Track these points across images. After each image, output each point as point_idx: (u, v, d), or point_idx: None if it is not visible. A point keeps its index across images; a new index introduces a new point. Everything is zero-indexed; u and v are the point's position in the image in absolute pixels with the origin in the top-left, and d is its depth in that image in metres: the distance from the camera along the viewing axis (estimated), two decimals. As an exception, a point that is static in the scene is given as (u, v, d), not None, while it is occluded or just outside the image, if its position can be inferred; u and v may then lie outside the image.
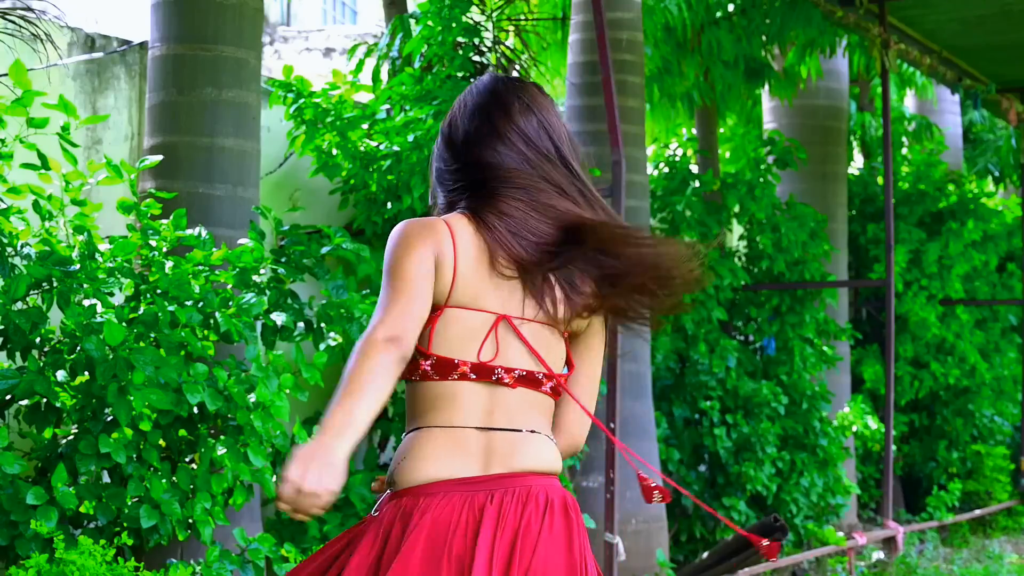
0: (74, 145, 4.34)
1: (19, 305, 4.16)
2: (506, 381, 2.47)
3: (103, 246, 4.32)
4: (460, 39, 6.62)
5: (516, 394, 2.48)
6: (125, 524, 4.11)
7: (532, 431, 2.49)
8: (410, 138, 5.97)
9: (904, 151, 11.97)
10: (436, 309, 2.46)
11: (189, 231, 4.48)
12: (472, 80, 6.65)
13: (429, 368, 2.46)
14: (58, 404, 4.13)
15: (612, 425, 5.65)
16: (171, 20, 5.04)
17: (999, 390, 11.45)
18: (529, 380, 2.49)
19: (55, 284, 4.13)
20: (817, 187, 9.44)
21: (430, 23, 6.56)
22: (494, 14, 7.04)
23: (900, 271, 10.16)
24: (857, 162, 12.78)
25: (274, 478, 4.45)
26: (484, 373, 2.46)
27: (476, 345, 2.46)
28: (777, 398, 8.07)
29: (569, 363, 2.56)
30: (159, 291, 4.31)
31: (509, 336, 2.47)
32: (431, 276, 2.43)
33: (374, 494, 2.66)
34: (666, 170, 8.76)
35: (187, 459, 4.38)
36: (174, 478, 4.20)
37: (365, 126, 6.21)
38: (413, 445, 2.47)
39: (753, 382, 8.15)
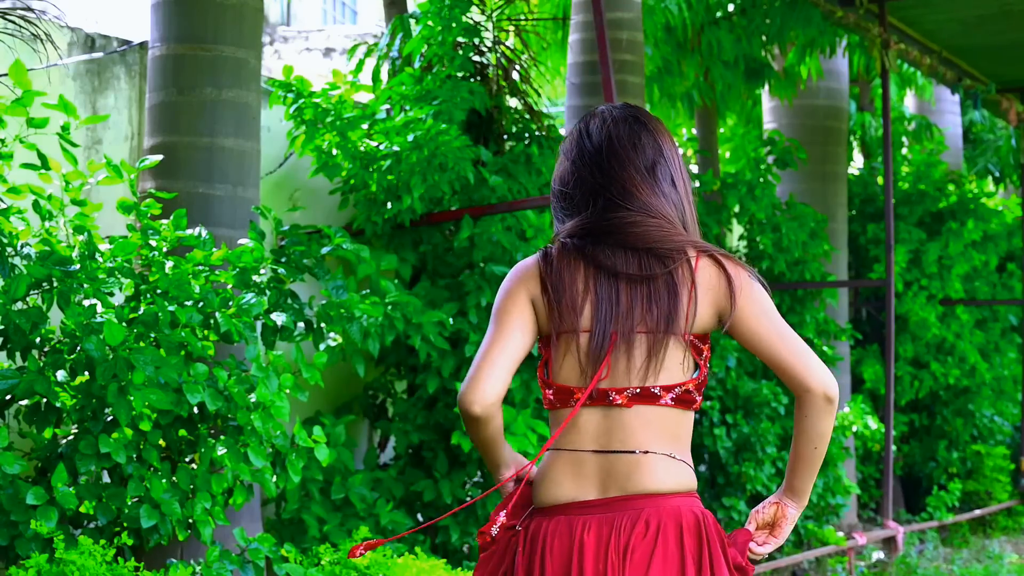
0: (74, 145, 4.34)
1: (19, 305, 4.16)
2: (619, 402, 2.54)
3: (103, 246, 4.32)
4: (460, 39, 6.61)
5: (632, 413, 2.54)
6: (125, 524, 4.11)
7: (646, 452, 2.55)
8: (410, 138, 5.96)
9: (904, 151, 11.97)
10: (550, 339, 2.57)
11: (189, 231, 4.48)
12: (472, 80, 6.65)
13: (552, 397, 2.59)
14: (58, 404, 4.13)
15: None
16: (171, 20, 5.04)
17: (999, 390, 11.45)
18: (644, 396, 2.54)
19: (55, 284, 4.13)
20: (817, 187, 9.43)
21: (430, 23, 6.56)
22: (494, 14, 7.03)
23: (900, 271, 10.16)
24: (857, 162, 12.77)
25: (274, 478, 4.45)
26: (598, 397, 2.55)
27: (589, 369, 2.54)
28: (777, 398, 8.07)
29: (699, 366, 2.58)
30: (159, 291, 4.31)
31: (619, 354, 2.53)
32: (525, 315, 2.58)
33: None
34: (666, 170, 8.74)
35: (187, 459, 4.38)
36: (174, 478, 4.20)
37: (365, 126, 6.20)
38: (544, 466, 2.62)
39: (753, 382, 8.15)
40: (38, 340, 4.19)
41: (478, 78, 6.73)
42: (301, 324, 4.86)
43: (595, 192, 2.60)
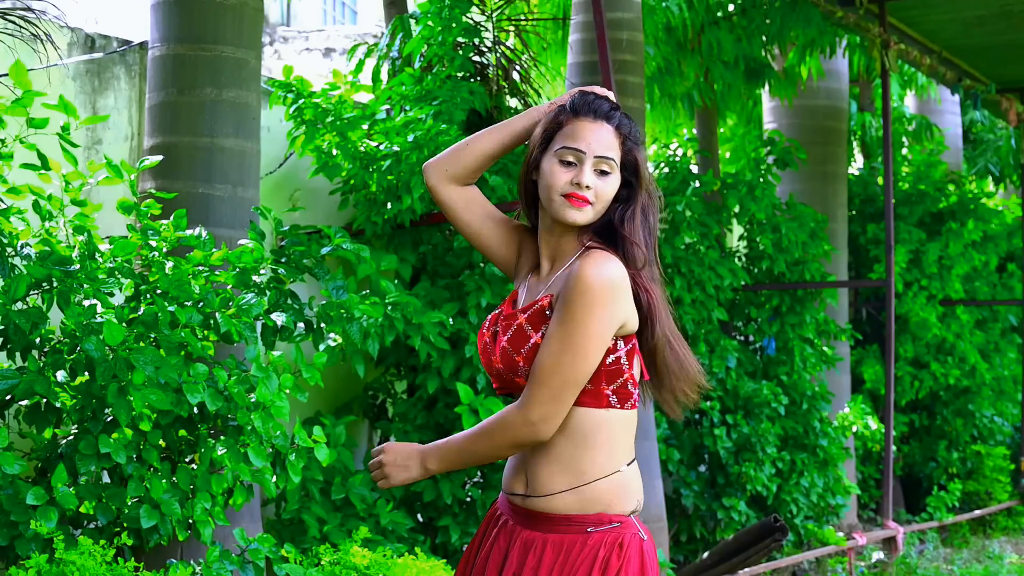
0: (74, 145, 4.34)
1: (19, 305, 4.16)
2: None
3: (103, 246, 4.32)
4: (460, 39, 6.61)
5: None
6: (125, 524, 4.10)
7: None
8: (410, 138, 5.96)
9: (904, 151, 11.97)
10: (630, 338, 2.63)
11: (189, 231, 4.48)
12: (472, 80, 6.64)
13: (636, 399, 2.63)
14: (58, 404, 4.12)
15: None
16: (171, 20, 5.04)
17: (999, 390, 11.45)
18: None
19: (55, 284, 4.13)
20: (817, 187, 9.44)
21: (430, 23, 6.56)
22: (494, 14, 7.03)
23: (900, 271, 10.16)
24: (857, 162, 12.78)
25: (274, 478, 4.45)
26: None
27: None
28: (777, 398, 8.07)
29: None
30: (159, 291, 4.31)
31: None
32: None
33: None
34: (666, 170, 8.75)
35: (187, 459, 4.38)
36: (174, 478, 4.20)
37: (365, 126, 6.20)
38: (632, 474, 2.63)
39: (753, 382, 8.15)
40: (38, 340, 4.18)
41: (478, 78, 6.73)
42: (301, 324, 4.86)
43: None
